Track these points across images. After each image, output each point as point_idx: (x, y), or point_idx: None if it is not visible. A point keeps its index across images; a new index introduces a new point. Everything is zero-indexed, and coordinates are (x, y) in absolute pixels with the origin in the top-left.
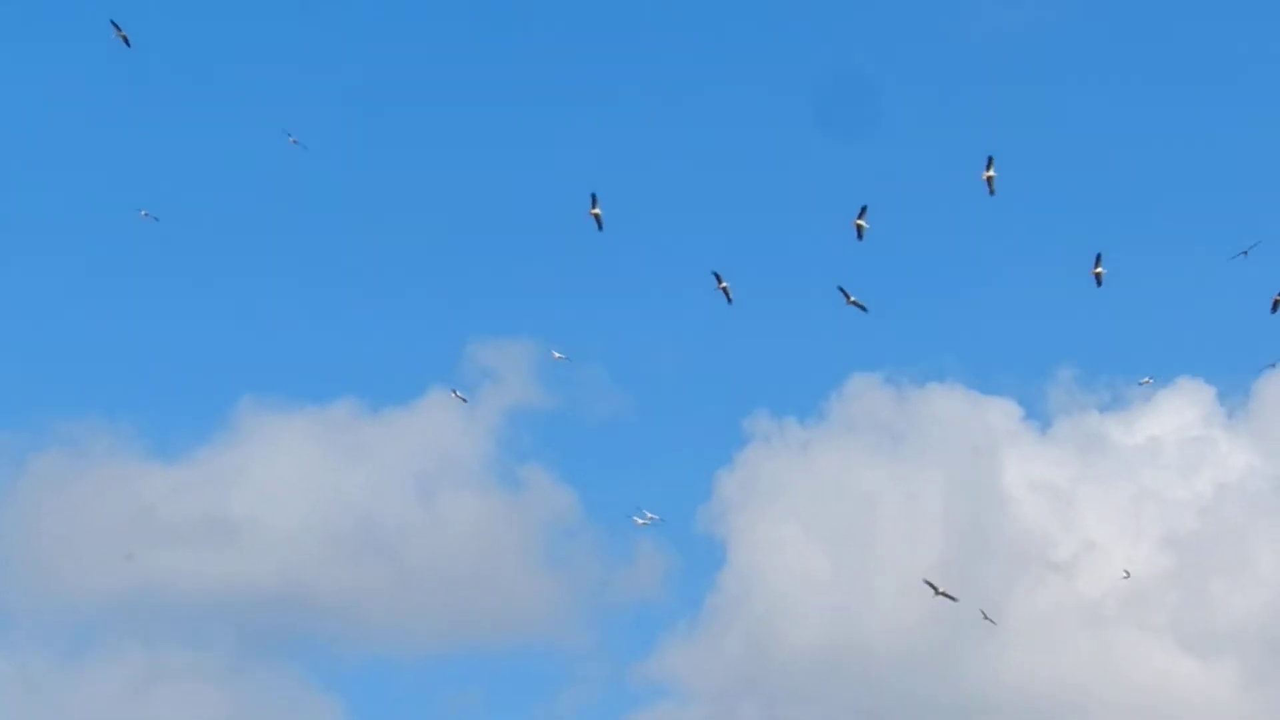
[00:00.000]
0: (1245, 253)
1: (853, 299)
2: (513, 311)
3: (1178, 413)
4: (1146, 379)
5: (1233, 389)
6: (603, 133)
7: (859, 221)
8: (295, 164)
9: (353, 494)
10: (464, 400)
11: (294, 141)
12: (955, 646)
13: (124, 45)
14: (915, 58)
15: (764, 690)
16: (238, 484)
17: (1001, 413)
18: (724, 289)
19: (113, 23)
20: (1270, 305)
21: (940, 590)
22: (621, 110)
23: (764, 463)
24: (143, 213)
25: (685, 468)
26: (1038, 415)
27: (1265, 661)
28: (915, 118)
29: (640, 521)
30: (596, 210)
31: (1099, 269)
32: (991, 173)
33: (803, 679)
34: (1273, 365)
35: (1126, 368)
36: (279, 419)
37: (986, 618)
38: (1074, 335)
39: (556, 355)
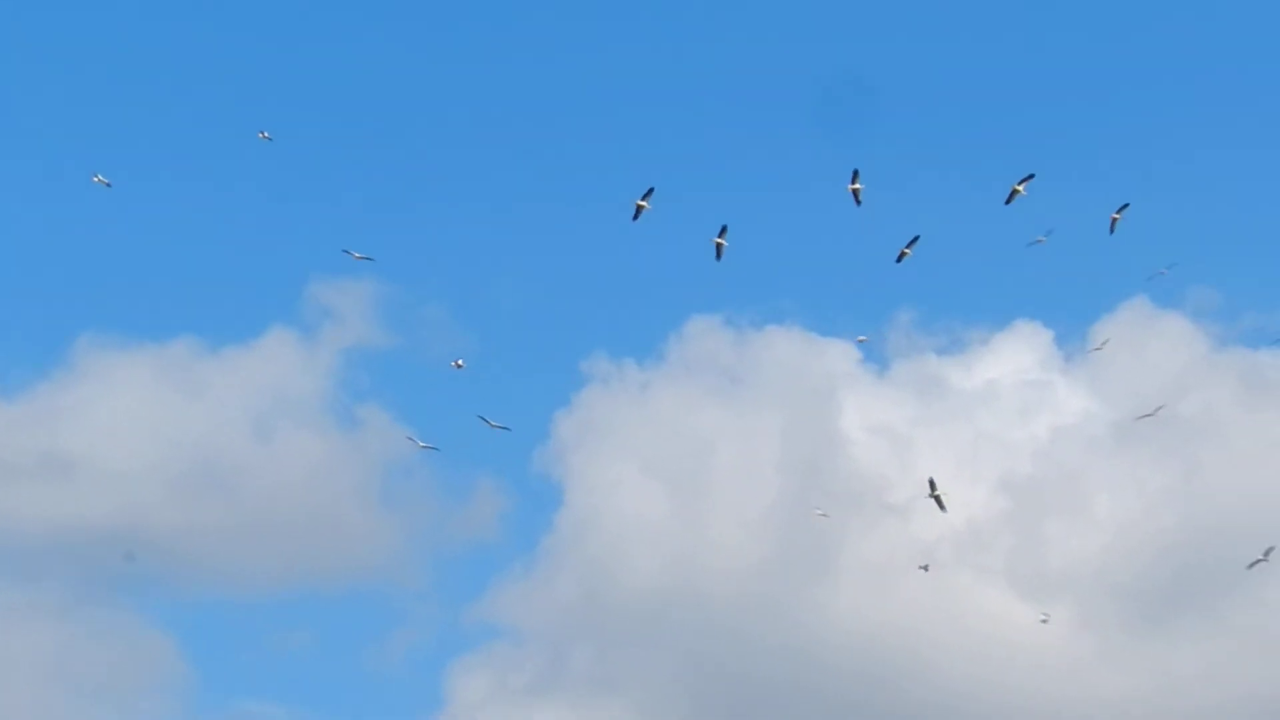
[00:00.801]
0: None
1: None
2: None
3: (1015, 356)
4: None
5: (1070, 333)
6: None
7: (854, 186)
8: (135, 101)
9: (190, 432)
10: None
11: None
12: (790, 589)
13: None
14: None
15: (598, 632)
16: (74, 421)
17: (840, 355)
18: (641, 206)
19: None
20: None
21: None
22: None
23: (602, 404)
24: None
25: (523, 409)
26: (876, 358)
27: (1099, 605)
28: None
29: (420, 444)
30: (644, 203)
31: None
32: (858, 185)
33: (637, 621)
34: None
35: (965, 311)
36: (117, 356)
37: (923, 568)
38: (913, 279)
39: (457, 363)
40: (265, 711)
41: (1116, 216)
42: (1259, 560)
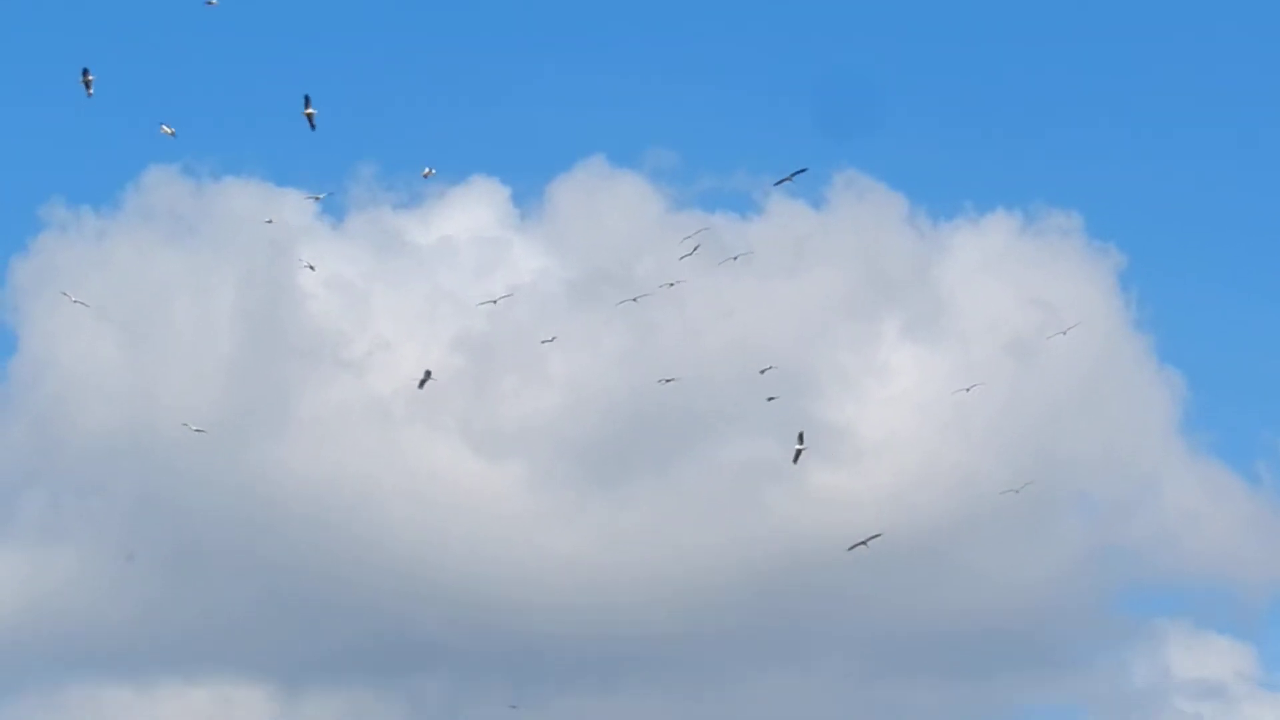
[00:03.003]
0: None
1: None
2: None
3: (472, 212)
4: (429, 170)
5: (528, 190)
6: None
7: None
8: None
9: None
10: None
11: None
12: (245, 438)
13: None
14: None
15: (50, 479)
16: None
17: (296, 208)
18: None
19: None
20: None
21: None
22: None
23: (59, 251)
24: None
25: None
26: (333, 211)
27: (551, 463)
28: None
29: None
30: (310, 110)
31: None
32: (311, 110)
33: (89, 469)
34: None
35: (423, 165)
36: None
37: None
38: (374, 131)
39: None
40: None
41: None
42: (858, 544)
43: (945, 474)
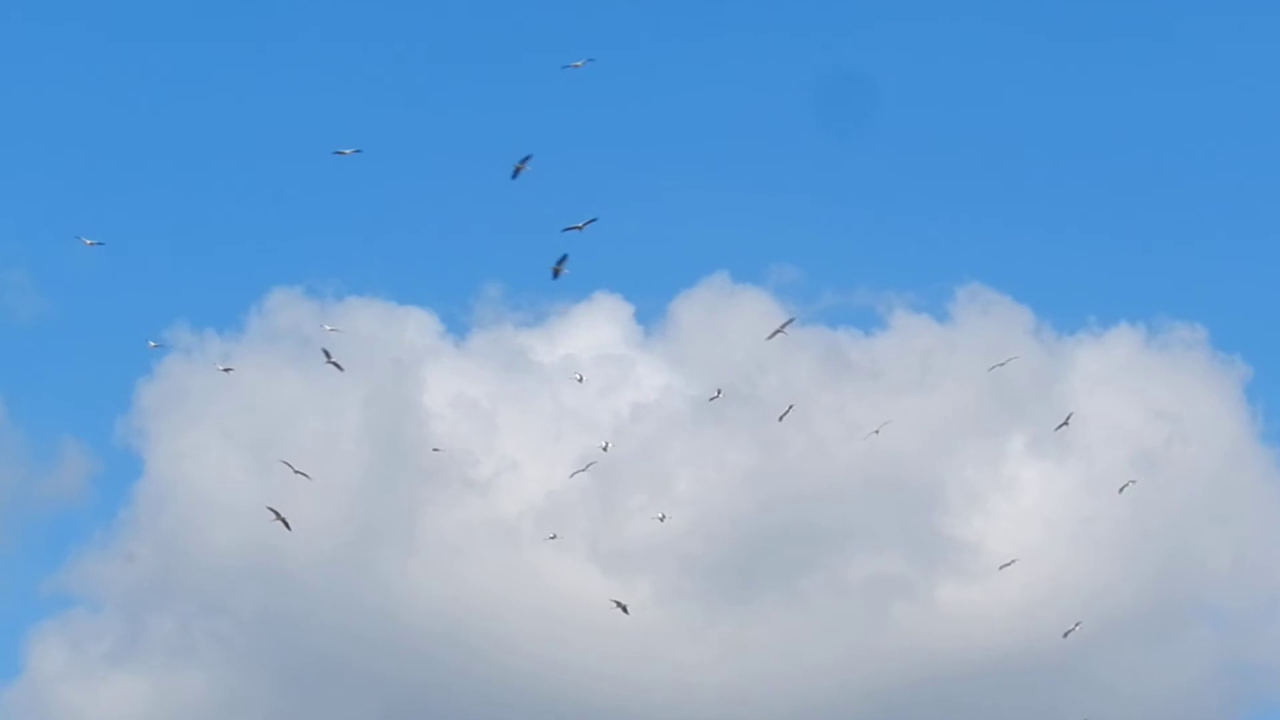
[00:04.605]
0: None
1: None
2: None
3: (595, 330)
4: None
5: (651, 308)
6: None
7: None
8: None
9: None
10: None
11: None
12: (371, 559)
13: None
14: None
15: (177, 602)
16: None
17: (420, 327)
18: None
19: None
20: None
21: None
22: None
23: (184, 374)
24: None
25: (105, 376)
26: (456, 329)
27: (678, 580)
28: None
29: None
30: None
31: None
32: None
33: (216, 591)
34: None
35: (549, 286)
36: None
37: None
38: (497, 251)
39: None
40: None
41: None
42: (776, 331)
43: (1073, 588)
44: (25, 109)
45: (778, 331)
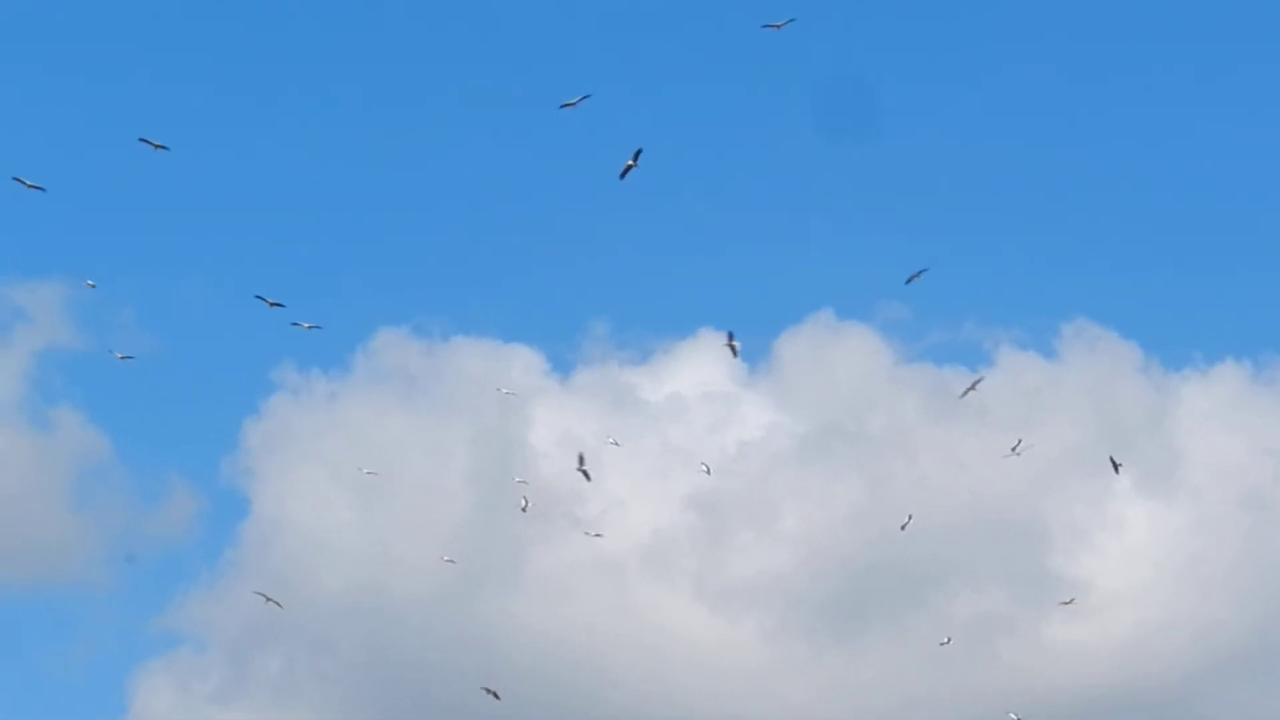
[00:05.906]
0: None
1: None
2: (43, 251)
3: (700, 368)
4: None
5: (755, 345)
6: None
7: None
8: None
9: None
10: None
11: None
12: (477, 597)
13: None
14: None
15: (282, 641)
16: None
17: (525, 365)
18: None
19: None
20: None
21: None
22: None
23: (291, 414)
24: None
25: (213, 414)
26: (562, 367)
27: (785, 616)
28: None
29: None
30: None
31: None
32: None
33: (322, 630)
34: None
35: (654, 324)
36: None
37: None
38: (604, 289)
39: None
40: None
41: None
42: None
43: (1181, 626)
44: (130, 148)
45: (969, 390)
